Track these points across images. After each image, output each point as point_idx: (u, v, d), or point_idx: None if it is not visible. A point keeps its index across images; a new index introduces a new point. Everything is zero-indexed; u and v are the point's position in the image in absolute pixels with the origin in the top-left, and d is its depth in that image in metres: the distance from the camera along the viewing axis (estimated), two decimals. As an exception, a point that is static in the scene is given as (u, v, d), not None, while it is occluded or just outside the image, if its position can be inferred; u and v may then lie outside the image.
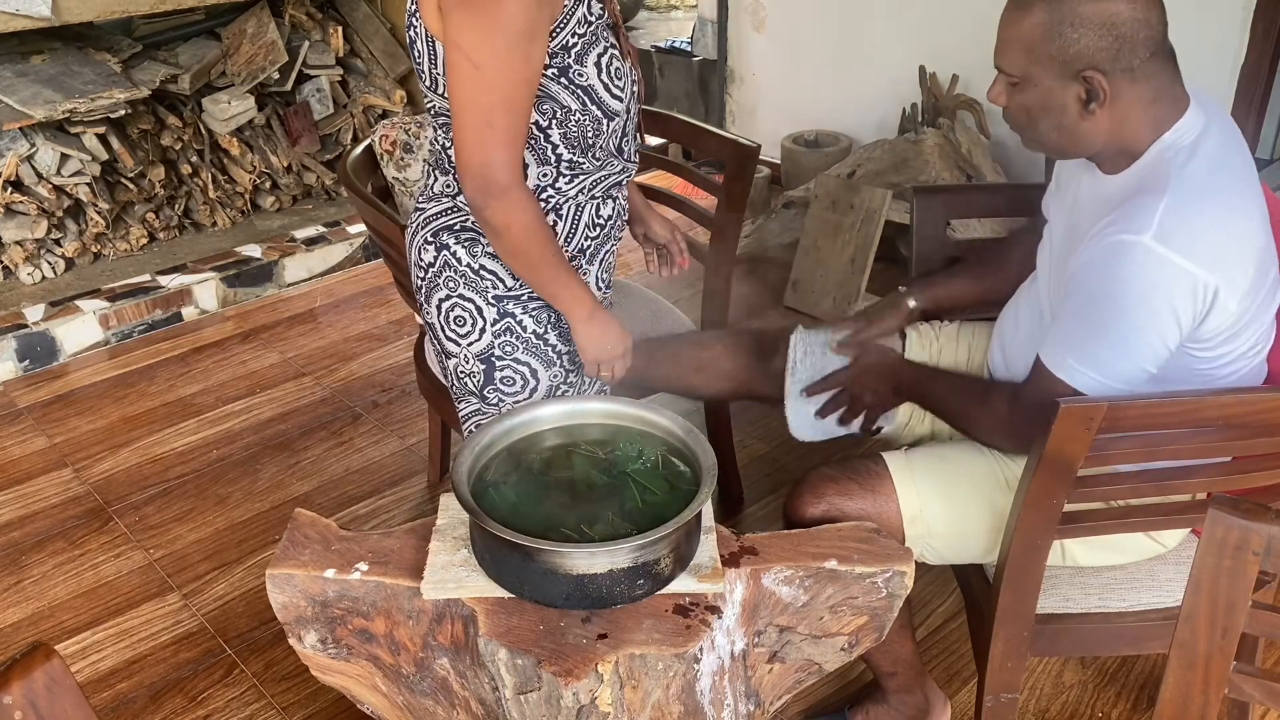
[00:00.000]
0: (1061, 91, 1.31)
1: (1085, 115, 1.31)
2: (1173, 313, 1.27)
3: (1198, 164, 1.29)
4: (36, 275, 3.24)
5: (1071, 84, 1.30)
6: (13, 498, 2.48)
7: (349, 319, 3.27)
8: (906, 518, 1.51)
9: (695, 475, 1.31)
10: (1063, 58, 1.28)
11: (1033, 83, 1.32)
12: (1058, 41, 1.27)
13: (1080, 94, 1.30)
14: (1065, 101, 1.31)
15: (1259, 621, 1.01)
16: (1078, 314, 1.33)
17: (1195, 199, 1.26)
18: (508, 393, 1.61)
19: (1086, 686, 1.91)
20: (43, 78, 3.16)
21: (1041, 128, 1.36)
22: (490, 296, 1.56)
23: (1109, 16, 1.25)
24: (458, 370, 1.62)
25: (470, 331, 1.58)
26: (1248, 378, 1.40)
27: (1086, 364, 1.33)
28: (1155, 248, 1.24)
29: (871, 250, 3.07)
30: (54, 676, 0.80)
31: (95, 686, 1.95)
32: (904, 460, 1.55)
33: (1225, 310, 1.27)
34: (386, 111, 3.84)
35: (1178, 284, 1.25)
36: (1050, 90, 1.31)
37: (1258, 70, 2.88)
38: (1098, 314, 1.30)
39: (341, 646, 1.33)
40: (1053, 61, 1.29)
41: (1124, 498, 1.42)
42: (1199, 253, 1.24)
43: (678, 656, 1.18)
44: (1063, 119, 1.33)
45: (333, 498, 2.45)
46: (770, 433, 2.62)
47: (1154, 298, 1.26)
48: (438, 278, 1.57)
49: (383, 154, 2.11)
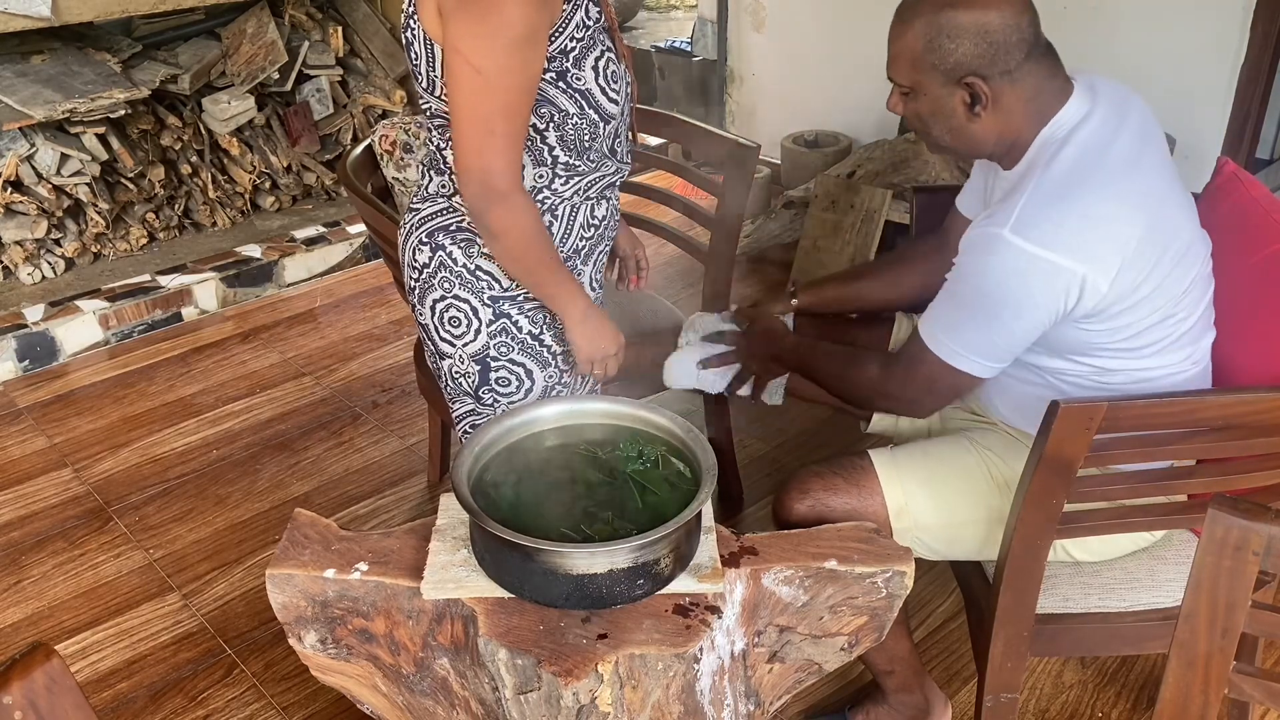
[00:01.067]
0: (948, 98, 1.39)
1: (972, 118, 1.40)
2: (1030, 299, 1.34)
3: (1067, 154, 1.36)
4: (36, 275, 3.24)
5: (956, 90, 1.38)
6: (13, 498, 2.48)
7: (349, 319, 3.27)
8: (892, 511, 1.53)
9: (695, 475, 1.31)
10: (944, 66, 1.37)
11: (921, 91, 1.41)
12: (938, 52, 1.36)
13: (965, 99, 1.39)
14: (952, 106, 1.40)
15: (1259, 621, 1.01)
16: (950, 294, 1.43)
17: (1053, 192, 1.34)
18: (503, 393, 1.61)
19: (1086, 686, 1.91)
20: (43, 78, 3.16)
21: (935, 132, 1.45)
22: (486, 297, 1.56)
23: (981, 25, 1.34)
24: (452, 371, 1.61)
25: (465, 332, 1.58)
26: (1179, 343, 1.45)
27: (954, 339, 1.42)
28: (1012, 240, 1.32)
29: (871, 250, 3.07)
30: (54, 676, 0.80)
31: (95, 686, 1.95)
32: (889, 456, 1.58)
33: (1097, 291, 1.33)
34: (386, 111, 3.84)
35: (1034, 272, 1.32)
36: (938, 97, 1.40)
37: (1258, 70, 2.88)
38: (964, 296, 1.40)
39: (341, 646, 1.33)
40: (935, 70, 1.38)
41: (1124, 498, 1.42)
42: (1058, 242, 1.31)
43: (678, 656, 1.18)
44: (952, 122, 1.42)
45: (333, 498, 2.45)
46: (770, 433, 2.62)
47: (1010, 285, 1.34)
48: (432, 278, 1.57)
49: (382, 154, 2.10)
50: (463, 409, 1.66)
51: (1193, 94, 2.96)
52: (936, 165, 3.17)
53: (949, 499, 1.54)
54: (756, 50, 4.06)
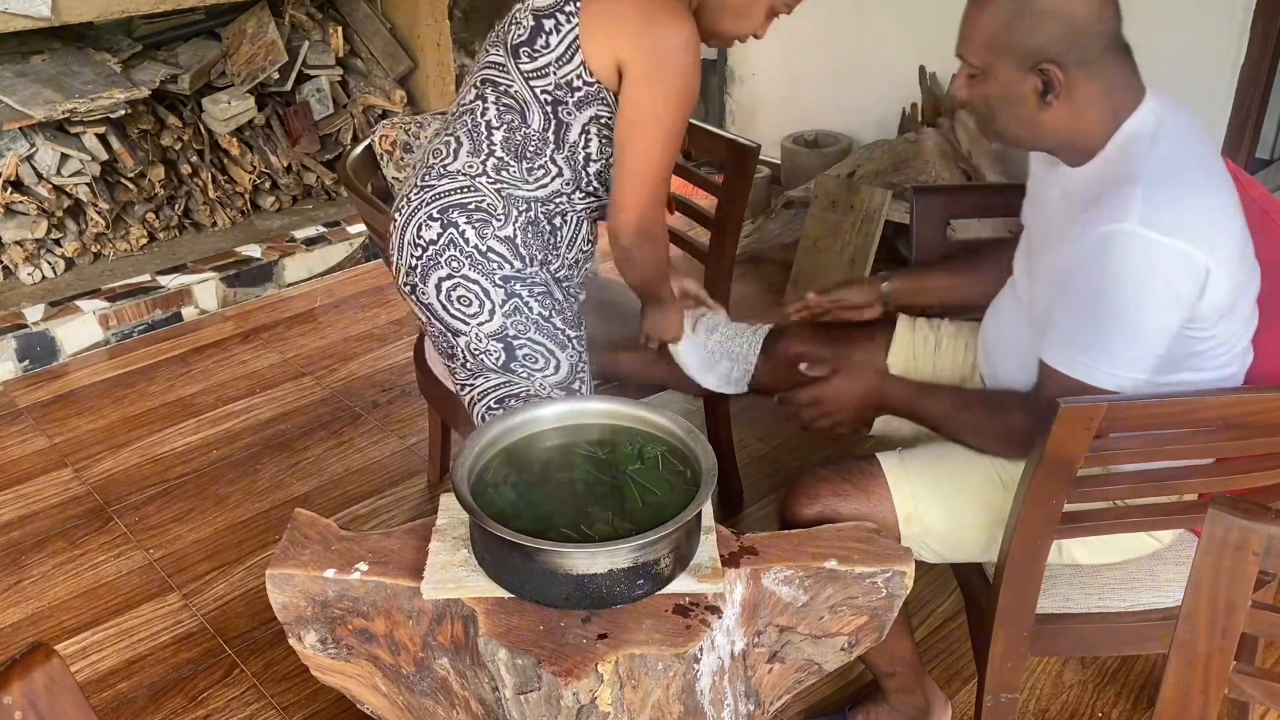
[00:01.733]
0: (1019, 83, 1.33)
1: (1043, 107, 1.34)
2: (1172, 292, 1.28)
3: (1163, 149, 1.31)
4: (36, 275, 3.24)
5: (1029, 76, 1.32)
6: (13, 498, 2.48)
7: (349, 319, 3.27)
8: (901, 518, 1.51)
9: (695, 475, 1.31)
10: (1021, 49, 1.31)
11: (992, 74, 1.35)
12: (1016, 33, 1.30)
13: (1037, 86, 1.32)
14: (1023, 93, 1.34)
15: (1259, 621, 1.01)
16: (1077, 311, 1.33)
17: (1170, 180, 1.28)
18: (535, 369, 1.64)
19: (1086, 686, 1.91)
20: (43, 78, 3.16)
21: (1001, 119, 1.39)
22: (498, 278, 1.58)
23: (1065, 9, 1.29)
24: (471, 349, 1.62)
25: (479, 312, 1.59)
26: (1237, 359, 1.41)
27: (1092, 356, 1.32)
28: (1141, 232, 1.25)
29: (871, 250, 3.07)
30: (54, 676, 0.80)
31: (95, 686, 1.95)
32: (898, 461, 1.55)
33: (1217, 287, 1.29)
34: (386, 111, 3.84)
35: (1171, 264, 1.26)
36: (1009, 82, 1.34)
37: (1258, 70, 2.88)
38: (1098, 308, 1.30)
39: (341, 646, 1.33)
40: (1010, 53, 1.32)
41: (1124, 498, 1.42)
42: (1187, 231, 1.25)
43: (678, 656, 1.18)
44: (1020, 110, 1.35)
45: (333, 498, 2.45)
46: (770, 433, 2.62)
47: (1150, 281, 1.27)
48: (439, 255, 1.58)
49: (382, 154, 2.10)
50: (487, 384, 1.65)
51: (1193, 94, 2.96)
52: (937, 165, 3.17)
53: (958, 505, 1.52)
54: (756, 50, 4.06)
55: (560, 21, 1.55)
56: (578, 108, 1.59)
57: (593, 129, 1.61)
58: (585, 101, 1.58)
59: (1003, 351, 1.57)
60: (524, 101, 1.58)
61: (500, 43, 1.61)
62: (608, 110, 1.60)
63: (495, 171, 1.60)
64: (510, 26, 1.61)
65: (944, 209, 1.89)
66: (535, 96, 1.58)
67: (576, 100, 1.58)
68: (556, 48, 1.55)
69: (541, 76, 1.57)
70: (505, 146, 1.60)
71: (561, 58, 1.55)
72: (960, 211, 1.96)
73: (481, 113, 1.61)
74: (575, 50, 1.55)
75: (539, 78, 1.57)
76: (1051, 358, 1.37)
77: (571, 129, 1.60)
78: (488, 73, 1.62)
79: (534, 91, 1.58)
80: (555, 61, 1.55)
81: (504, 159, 1.60)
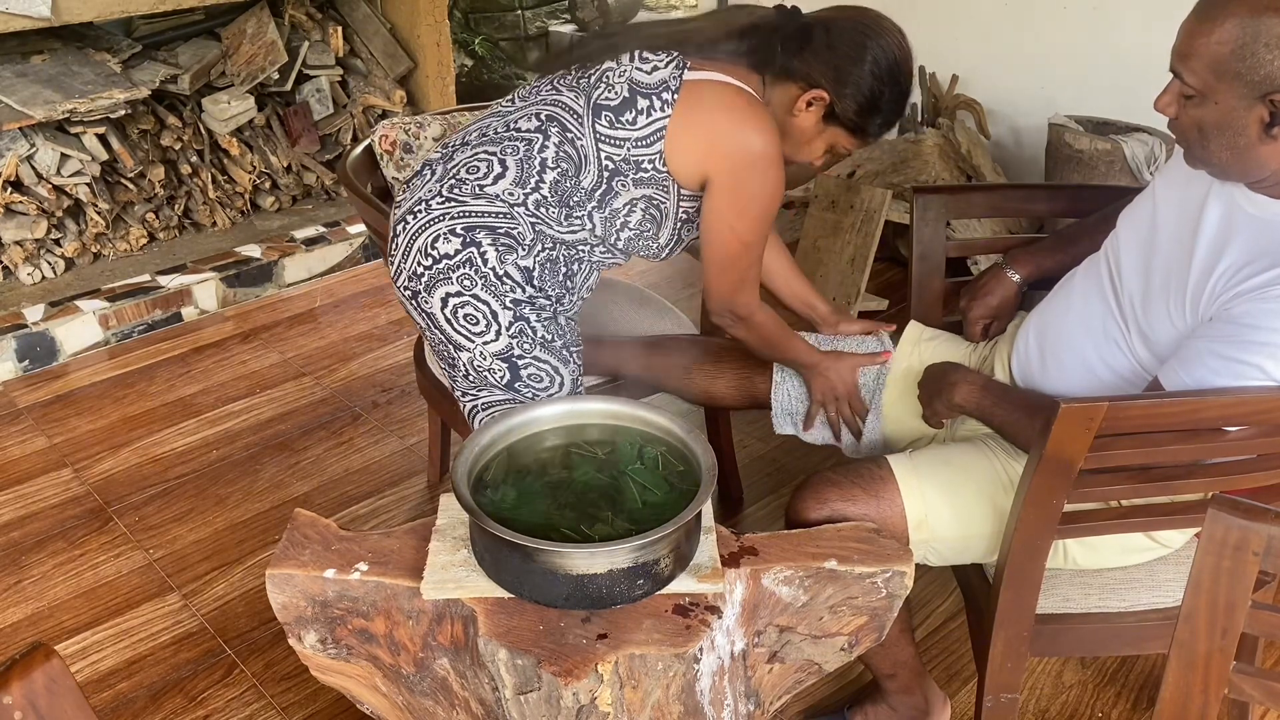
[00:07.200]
0: (1244, 112, 1.24)
1: (1265, 139, 1.25)
2: None
3: None
4: (36, 275, 3.24)
5: (1256, 105, 1.23)
6: (13, 498, 2.48)
7: (349, 319, 3.27)
8: (912, 523, 1.50)
9: (695, 475, 1.31)
10: (1252, 78, 1.22)
11: (1212, 99, 1.26)
12: (1248, 60, 1.21)
13: (1263, 116, 1.24)
14: (1246, 123, 1.25)
15: (1259, 621, 1.01)
16: (1243, 343, 1.27)
17: None
18: (540, 388, 1.64)
19: (1086, 686, 1.91)
20: (43, 78, 3.16)
21: (1213, 146, 1.29)
22: (509, 300, 1.58)
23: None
24: (474, 364, 1.62)
25: (485, 332, 1.59)
26: None
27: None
28: None
29: (871, 250, 3.07)
30: (54, 676, 0.80)
31: (95, 686, 1.95)
32: (909, 464, 1.54)
33: None
34: (386, 111, 3.84)
35: None
36: (1231, 110, 1.25)
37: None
38: (1259, 343, 1.26)
39: (341, 646, 1.33)
40: (1239, 80, 1.23)
41: (1124, 498, 1.42)
42: None
43: (678, 656, 1.18)
44: (1239, 140, 1.26)
45: (333, 498, 2.45)
46: (770, 433, 2.61)
47: None
48: (452, 272, 1.57)
49: (382, 154, 2.10)
50: (490, 398, 1.66)
51: (1193, 94, 2.96)
52: (937, 165, 3.17)
53: (968, 510, 1.51)
54: (756, 50, 4.05)
55: (654, 105, 1.55)
56: (635, 184, 1.60)
57: (640, 205, 1.62)
58: (644, 182, 1.60)
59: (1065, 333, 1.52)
60: (585, 158, 1.58)
61: (581, 92, 1.60)
62: (663, 195, 1.62)
63: (535, 207, 1.58)
64: (599, 84, 1.59)
65: (944, 209, 1.89)
66: (598, 159, 1.58)
67: (636, 178, 1.59)
68: (643, 128, 1.56)
69: (615, 146, 1.57)
70: (554, 189, 1.59)
71: (643, 140, 1.56)
72: (960, 211, 1.96)
73: (540, 148, 1.59)
74: (658, 138, 1.56)
75: (612, 145, 1.57)
76: (1191, 379, 1.31)
77: (619, 198, 1.61)
78: (557, 112, 1.60)
79: (600, 154, 1.58)
80: (635, 140, 1.56)
81: (547, 198, 1.59)
